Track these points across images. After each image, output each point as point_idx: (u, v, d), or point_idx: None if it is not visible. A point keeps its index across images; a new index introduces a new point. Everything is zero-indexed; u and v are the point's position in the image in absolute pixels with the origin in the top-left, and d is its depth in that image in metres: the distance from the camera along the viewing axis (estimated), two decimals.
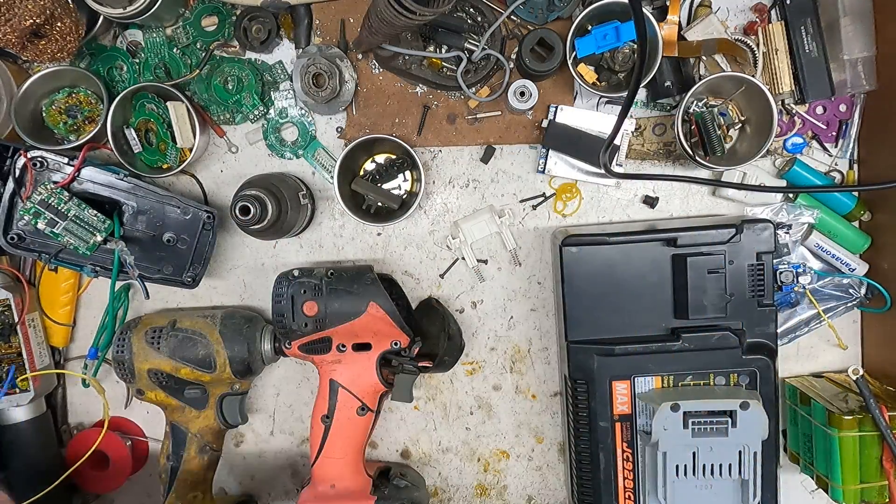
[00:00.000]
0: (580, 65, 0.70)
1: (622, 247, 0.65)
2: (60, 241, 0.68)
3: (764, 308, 0.64)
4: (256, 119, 0.75)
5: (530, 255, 0.77)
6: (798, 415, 0.72)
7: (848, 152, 0.74)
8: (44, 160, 0.68)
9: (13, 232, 0.69)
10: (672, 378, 0.65)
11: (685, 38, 0.70)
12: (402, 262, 0.77)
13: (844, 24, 0.69)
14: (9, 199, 0.68)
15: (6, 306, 0.72)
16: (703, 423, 0.62)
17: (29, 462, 0.75)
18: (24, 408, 0.74)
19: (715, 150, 0.71)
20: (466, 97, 0.73)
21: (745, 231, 0.64)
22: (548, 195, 0.76)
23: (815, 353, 0.77)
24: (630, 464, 0.66)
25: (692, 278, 0.63)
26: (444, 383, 0.79)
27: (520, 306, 0.77)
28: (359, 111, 0.75)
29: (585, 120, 0.72)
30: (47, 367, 0.75)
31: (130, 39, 0.75)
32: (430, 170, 0.76)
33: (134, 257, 0.69)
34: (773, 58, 0.70)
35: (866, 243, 0.73)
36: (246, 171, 0.76)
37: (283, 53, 0.75)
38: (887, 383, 0.71)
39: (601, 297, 0.66)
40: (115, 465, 0.77)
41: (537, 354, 0.78)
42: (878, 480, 0.66)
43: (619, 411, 0.65)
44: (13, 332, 0.72)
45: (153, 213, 0.70)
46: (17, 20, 0.62)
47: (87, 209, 0.68)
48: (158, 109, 0.72)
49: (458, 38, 0.70)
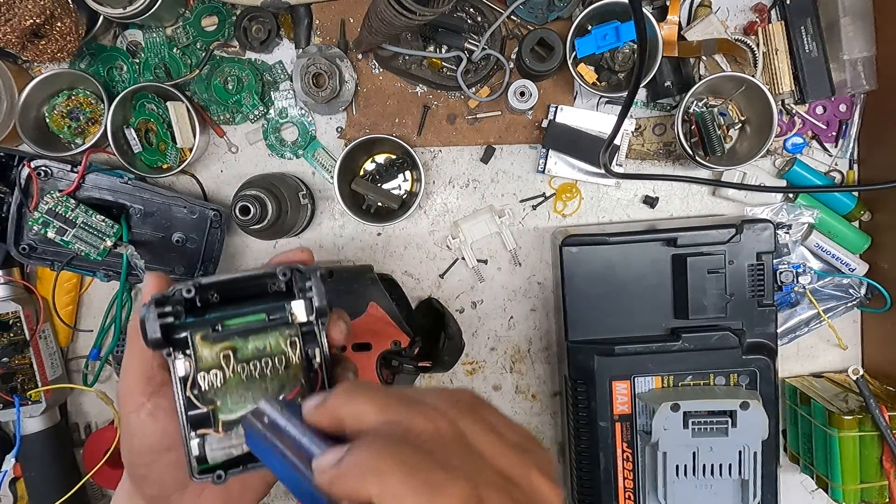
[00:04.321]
0: (580, 65, 0.70)
1: (622, 247, 0.65)
2: (71, 249, 0.68)
3: (764, 308, 0.64)
4: (256, 119, 0.75)
5: (530, 255, 0.77)
6: (798, 415, 0.72)
7: (848, 152, 0.74)
8: (48, 169, 0.68)
9: (24, 242, 0.69)
10: (672, 378, 0.65)
11: (685, 38, 0.70)
12: (402, 262, 0.77)
13: (844, 24, 0.69)
14: (17, 210, 0.68)
15: (17, 318, 0.71)
16: (703, 423, 0.62)
17: (45, 471, 0.75)
18: (37, 419, 0.74)
19: (715, 150, 0.71)
20: (466, 97, 0.73)
21: (745, 231, 0.64)
22: (548, 195, 0.76)
23: (815, 353, 0.77)
24: (630, 464, 0.66)
25: (692, 278, 0.63)
26: (444, 383, 0.79)
27: (520, 306, 0.77)
28: (359, 111, 0.75)
29: (585, 120, 0.72)
30: (59, 377, 0.75)
31: (130, 39, 0.75)
32: (430, 170, 0.76)
33: (145, 261, 0.69)
34: (773, 58, 0.70)
35: (866, 243, 0.73)
36: (246, 171, 0.76)
37: (283, 53, 0.75)
38: (887, 383, 0.71)
39: (601, 297, 0.66)
40: None
41: (537, 354, 0.78)
42: (878, 480, 0.66)
43: (619, 411, 0.65)
44: (26, 346, 0.72)
45: (160, 214, 0.71)
46: (17, 20, 0.62)
47: (95, 215, 0.68)
48: (158, 109, 0.72)
49: (458, 38, 0.70)
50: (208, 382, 0.37)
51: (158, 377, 0.39)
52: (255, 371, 0.38)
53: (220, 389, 0.38)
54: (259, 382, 0.38)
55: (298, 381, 0.39)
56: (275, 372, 0.38)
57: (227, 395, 0.38)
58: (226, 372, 0.38)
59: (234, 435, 0.37)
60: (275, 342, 0.39)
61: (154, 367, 0.39)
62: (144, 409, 0.39)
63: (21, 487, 0.75)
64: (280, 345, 0.39)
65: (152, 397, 0.39)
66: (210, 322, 0.38)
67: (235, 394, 0.38)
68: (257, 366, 0.38)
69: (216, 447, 0.37)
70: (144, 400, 0.39)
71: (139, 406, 0.39)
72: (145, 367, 0.39)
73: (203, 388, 0.37)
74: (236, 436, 0.37)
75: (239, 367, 0.38)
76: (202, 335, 0.37)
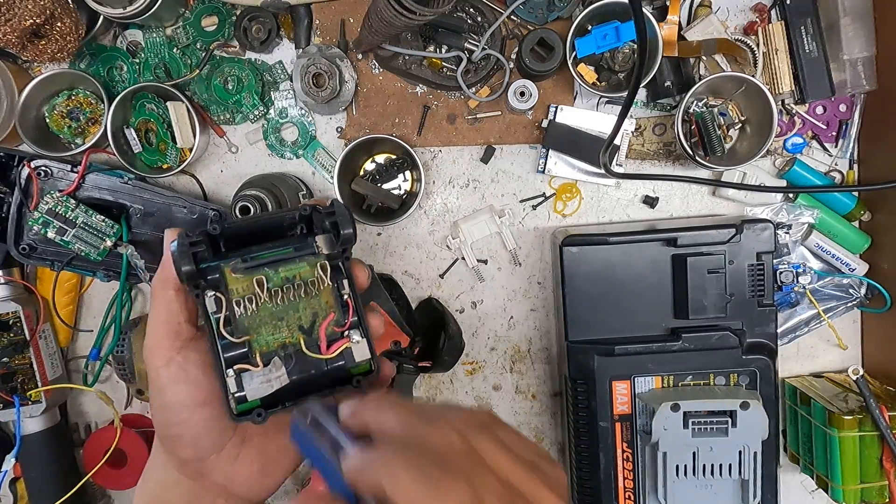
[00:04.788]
0: (580, 65, 0.70)
1: (622, 247, 0.65)
2: (71, 249, 0.68)
3: (764, 308, 0.64)
4: (256, 119, 0.75)
5: (530, 255, 0.77)
6: (798, 415, 0.72)
7: (848, 152, 0.74)
8: (48, 169, 0.68)
9: (24, 242, 0.69)
10: (672, 378, 0.65)
11: (685, 38, 0.70)
12: (402, 262, 0.77)
13: (844, 24, 0.69)
14: (17, 210, 0.68)
15: (17, 318, 0.71)
16: (703, 423, 0.62)
17: (45, 471, 0.75)
18: (37, 419, 0.74)
19: (715, 150, 0.71)
20: (466, 97, 0.73)
21: (745, 231, 0.64)
22: (548, 195, 0.76)
23: (815, 353, 0.77)
24: (630, 464, 0.66)
25: (692, 278, 0.63)
26: (444, 383, 0.79)
27: (520, 306, 0.77)
28: (359, 111, 0.75)
29: (585, 120, 0.72)
30: (59, 377, 0.75)
31: (130, 39, 0.75)
32: (430, 170, 0.76)
33: (145, 261, 0.69)
34: (773, 58, 0.70)
35: (866, 243, 0.73)
36: (246, 171, 0.76)
37: (283, 53, 0.75)
38: (887, 383, 0.71)
39: (601, 297, 0.66)
40: (134, 461, 0.77)
41: (537, 354, 0.78)
42: (878, 480, 0.66)
43: (619, 411, 0.65)
44: (26, 346, 0.72)
45: (160, 214, 0.70)
46: (17, 20, 0.62)
47: (95, 215, 0.68)
48: (158, 109, 0.72)
49: (458, 38, 0.70)
50: (241, 312, 0.37)
51: (186, 332, 0.39)
52: (287, 299, 0.38)
53: (253, 320, 0.37)
54: (292, 311, 0.38)
55: (331, 308, 0.39)
56: (307, 300, 0.39)
57: (261, 326, 0.38)
58: (258, 301, 0.38)
59: (273, 367, 0.37)
60: (304, 270, 0.39)
61: (181, 322, 0.39)
62: (174, 362, 0.38)
63: (21, 487, 0.75)
64: (310, 272, 0.39)
65: (181, 351, 0.39)
66: (238, 256, 0.39)
67: (269, 325, 0.38)
68: (289, 292, 0.38)
69: (256, 381, 0.37)
70: (174, 353, 0.38)
71: (169, 360, 0.38)
72: (172, 321, 0.39)
73: (236, 320, 0.37)
74: (275, 367, 0.37)
75: (270, 296, 0.38)
76: (231, 268, 0.38)
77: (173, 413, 0.39)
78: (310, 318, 0.38)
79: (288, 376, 0.38)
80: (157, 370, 0.38)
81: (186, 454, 0.39)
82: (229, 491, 0.40)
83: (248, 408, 0.37)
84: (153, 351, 0.39)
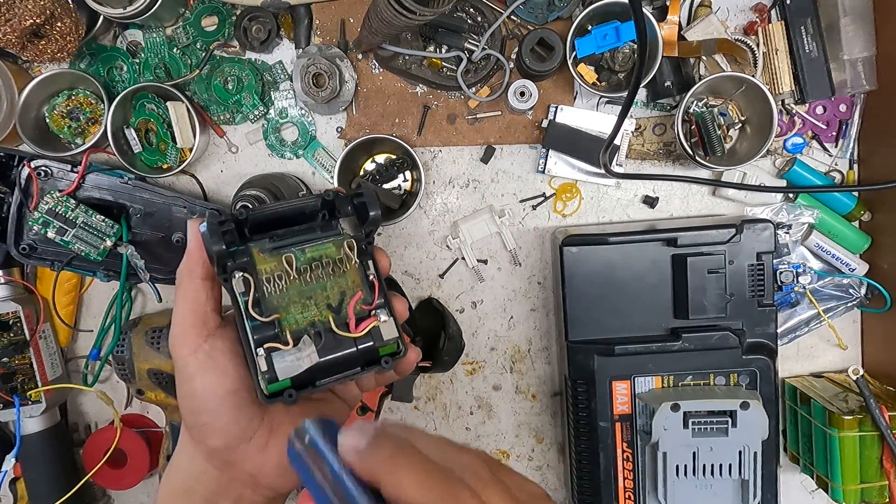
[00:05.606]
0: (580, 65, 0.70)
1: (622, 247, 0.65)
2: (71, 249, 0.68)
3: (764, 308, 0.64)
4: (256, 119, 0.75)
5: (530, 255, 0.77)
6: (798, 415, 0.72)
7: (848, 152, 0.74)
8: (48, 169, 0.68)
9: (24, 242, 0.69)
10: (672, 378, 0.65)
11: (685, 38, 0.70)
12: (402, 262, 0.77)
13: (844, 24, 0.69)
14: (17, 210, 0.68)
15: (17, 318, 0.71)
16: (703, 423, 0.62)
17: (45, 471, 0.75)
18: (37, 419, 0.74)
19: (715, 150, 0.71)
20: (466, 97, 0.73)
21: (745, 231, 0.64)
22: (548, 195, 0.76)
23: (815, 353, 0.77)
24: (630, 464, 0.66)
25: (692, 278, 0.63)
26: (444, 383, 0.79)
27: (520, 306, 0.77)
28: (359, 111, 0.75)
29: (585, 120, 0.72)
30: (59, 377, 0.75)
31: (130, 39, 0.75)
32: (430, 170, 0.76)
33: (145, 261, 0.69)
34: (773, 58, 0.70)
35: (866, 243, 0.73)
36: (246, 171, 0.76)
37: (283, 53, 0.75)
38: (887, 383, 0.71)
39: (601, 297, 0.66)
40: (134, 461, 0.77)
41: (537, 354, 0.78)
42: (878, 480, 0.66)
43: (619, 411, 0.65)
44: (26, 346, 0.72)
45: (160, 214, 0.70)
46: (17, 20, 0.62)
47: (95, 215, 0.68)
48: (158, 109, 0.72)
49: (458, 38, 0.70)
50: (270, 290, 0.38)
51: (212, 321, 0.39)
52: (315, 278, 0.39)
53: (282, 299, 0.38)
54: (320, 290, 0.39)
55: (358, 287, 0.39)
56: (334, 278, 0.39)
57: (289, 304, 0.38)
58: (286, 279, 0.38)
59: (303, 345, 0.37)
60: (330, 250, 0.39)
61: (208, 311, 0.39)
62: (202, 350, 0.38)
63: (21, 487, 0.75)
64: (336, 251, 0.39)
65: (208, 339, 0.38)
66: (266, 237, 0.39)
67: (298, 303, 0.38)
68: (318, 269, 0.39)
69: (287, 360, 0.37)
70: (201, 342, 0.38)
71: (196, 348, 0.38)
72: (199, 310, 0.39)
73: (266, 299, 0.38)
74: (305, 345, 0.37)
75: (298, 274, 0.38)
76: (259, 248, 0.38)
77: (202, 401, 0.38)
78: (338, 297, 0.39)
79: (318, 355, 0.38)
80: (184, 359, 0.38)
81: (215, 443, 0.39)
82: (257, 481, 0.40)
83: (279, 388, 0.37)
84: (180, 339, 0.39)
